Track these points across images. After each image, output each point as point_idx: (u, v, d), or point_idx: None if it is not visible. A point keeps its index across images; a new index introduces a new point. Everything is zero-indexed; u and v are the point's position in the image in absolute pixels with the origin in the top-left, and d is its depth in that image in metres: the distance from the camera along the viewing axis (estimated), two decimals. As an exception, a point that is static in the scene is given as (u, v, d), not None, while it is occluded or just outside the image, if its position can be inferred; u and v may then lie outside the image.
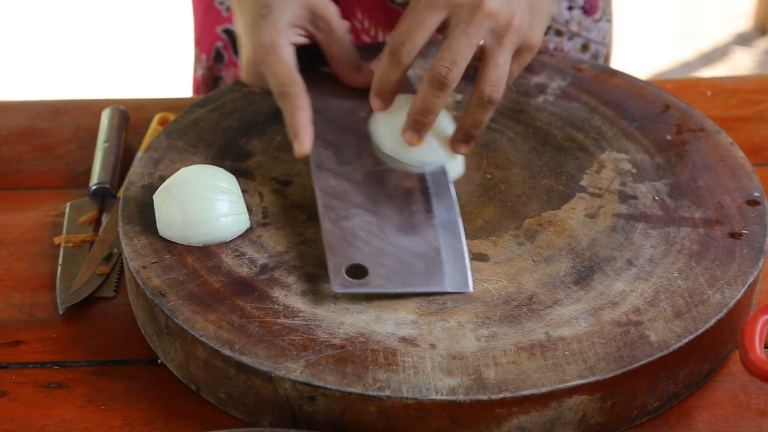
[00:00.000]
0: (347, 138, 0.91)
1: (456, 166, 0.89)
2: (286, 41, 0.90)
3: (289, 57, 0.89)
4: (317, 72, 0.95)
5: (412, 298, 0.78)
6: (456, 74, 0.82)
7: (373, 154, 0.89)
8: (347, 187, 0.86)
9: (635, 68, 2.40)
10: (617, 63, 1.29)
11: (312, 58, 0.95)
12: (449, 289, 0.79)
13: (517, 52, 0.86)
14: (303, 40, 0.92)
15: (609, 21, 1.23)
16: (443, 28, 0.85)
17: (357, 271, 0.79)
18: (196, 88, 1.26)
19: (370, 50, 1.01)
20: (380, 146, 0.89)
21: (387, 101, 0.87)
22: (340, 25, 0.93)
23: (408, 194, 0.86)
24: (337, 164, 0.88)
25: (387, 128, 0.88)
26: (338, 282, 0.78)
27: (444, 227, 0.83)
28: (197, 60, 1.25)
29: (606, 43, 1.23)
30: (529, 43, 0.86)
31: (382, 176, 0.87)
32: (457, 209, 0.85)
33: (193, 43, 1.26)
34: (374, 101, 0.87)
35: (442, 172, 0.88)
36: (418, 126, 0.85)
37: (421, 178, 0.87)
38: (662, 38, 2.97)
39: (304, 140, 0.87)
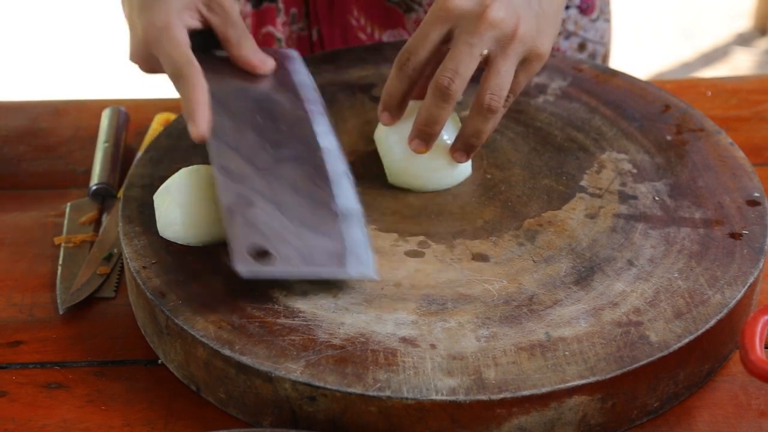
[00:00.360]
0: (243, 123, 0.89)
1: (464, 167, 0.89)
2: (179, 23, 0.87)
3: (183, 38, 0.87)
4: (211, 56, 0.93)
5: (412, 298, 0.78)
6: (459, 85, 0.82)
7: (269, 139, 0.88)
8: (247, 172, 0.84)
9: (635, 68, 2.40)
10: (617, 63, 1.29)
11: (205, 43, 0.92)
12: (354, 276, 0.79)
13: (525, 61, 0.84)
14: (197, 24, 0.90)
15: (607, 20, 1.23)
16: (450, 40, 0.84)
17: (261, 255, 0.78)
18: None
19: (371, 51, 1.02)
20: (390, 153, 0.89)
21: (395, 115, 0.87)
22: (234, 8, 0.91)
23: (308, 181, 0.85)
24: (235, 148, 0.86)
25: (395, 135, 0.88)
26: (242, 264, 0.76)
27: (345, 215, 0.83)
28: None
29: (604, 43, 1.23)
30: (537, 52, 0.84)
31: (280, 163, 0.86)
32: (356, 198, 0.84)
33: None
34: (383, 115, 0.87)
35: (339, 158, 0.87)
36: (423, 136, 0.85)
37: (320, 165, 0.86)
38: (662, 38, 2.97)
39: (200, 122, 0.84)
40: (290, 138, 0.88)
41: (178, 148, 0.93)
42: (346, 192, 0.84)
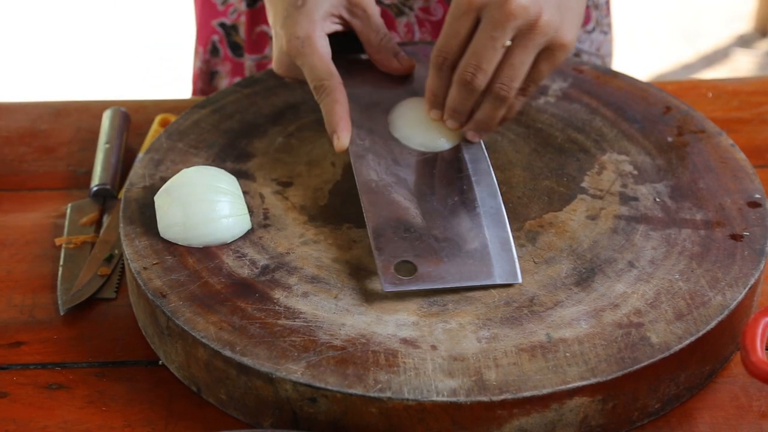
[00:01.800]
0: (385, 127, 0.90)
1: (456, 134, 0.89)
2: (321, 33, 0.89)
3: (325, 49, 0.89)
4: (352, 59, 0.95)
5: (413, 299, 0.78)
6: (482, 79, 0.82)
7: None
8: (388, 180, 0.85)
9: (636, 70, 2.40)
10: (618, 64, 1.29)
11: (346, 45, 0.94)
12: (498, 281, 0.79)
13: (548, 51, 0.83)
14: (338, 28, 0.91)
15: (605, 33, 1.22)
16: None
17: (405, 268, 0.79)
18: (195, 82, 1.27)
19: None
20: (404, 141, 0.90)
21: (442, 109, 0.88)
22: (375, 11, 0.92)
23: (450, 183, 0.86)
24: (375, 156, 0.87)
25: (396, 135, 0.89)
26: (388, 280, 0.78)
27: (488, 216, 0.83)
28: (196, 53, 1.25)
29: (600, 55, 1.23)
30: (561, 42, 0.83)
31: (423, 165, 0.87)
32: (499, 196, 0.85)
33: (195, 36, 1.27)
34: (432, 113, 0.88)
35: (482, 156, 0.88)
36: (454, 117, 0.87)
37: (461, 163, 0.87)
38: (663, 40, 2.97)
39: (342, 135, 0.87)
40: None
41: (179, 149, 0.93)
42: (489, 189, 0.85)
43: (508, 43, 0.82)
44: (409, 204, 0.84)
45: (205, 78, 1.24)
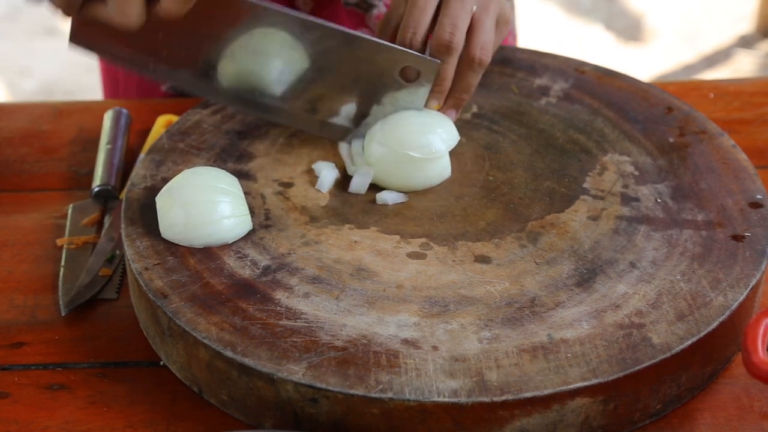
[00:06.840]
0: None
1: (443, 169, 0.89)
2: None
3: None
4: None
5: (414, 300, 0.78)
6: (459, 38, 0.86)
7: None
8: None
9: (638, 70, 2.40)
10: (620, 66, 1.29)
11: None
12: None
13: (497, 25, 0.90)
14: None
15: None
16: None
17: None
18: None
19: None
20: (368, 154, 0.90)
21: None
22: None
23: None
24: None
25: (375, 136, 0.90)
26: None
27: None
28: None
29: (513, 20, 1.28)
30: (506, 17, 0.90)
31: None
32: None
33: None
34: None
35: None
36: (436, 95, 0.89)
37: None
38: (665, 41, 2.97)
39: None
40: None
41: (180, 150, 0.93)
42: None
43: (474, 8, 0.87)
44: None
45: None
